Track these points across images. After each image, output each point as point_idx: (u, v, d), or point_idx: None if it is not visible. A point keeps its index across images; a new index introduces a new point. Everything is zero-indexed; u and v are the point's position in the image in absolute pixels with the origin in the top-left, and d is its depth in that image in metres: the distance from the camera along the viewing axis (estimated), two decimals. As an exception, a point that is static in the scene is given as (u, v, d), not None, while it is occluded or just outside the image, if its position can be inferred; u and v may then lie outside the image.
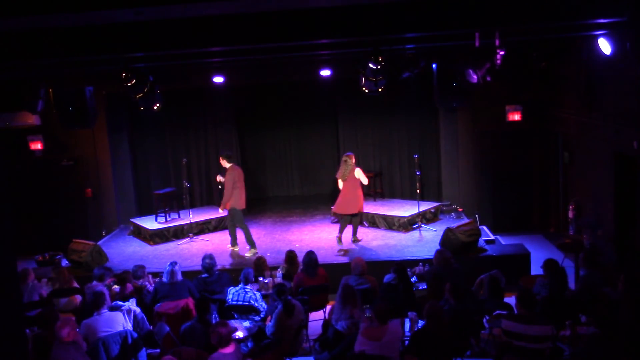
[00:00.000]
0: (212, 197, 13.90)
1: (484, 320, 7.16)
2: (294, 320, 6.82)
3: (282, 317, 6.78)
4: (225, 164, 10.58)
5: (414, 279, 8.21)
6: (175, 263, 7.97)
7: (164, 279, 7.85)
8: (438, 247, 9.22)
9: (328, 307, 7.95)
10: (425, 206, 12.00)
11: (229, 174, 10.45)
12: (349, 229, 10.87)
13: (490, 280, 7.51)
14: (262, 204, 14.61)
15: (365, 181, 10.54)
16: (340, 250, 10.48)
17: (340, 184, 10.56)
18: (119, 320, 6.75)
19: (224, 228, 12.33)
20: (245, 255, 10.58)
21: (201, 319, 6.55)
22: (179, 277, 7.88)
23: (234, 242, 10.88)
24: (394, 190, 13.69)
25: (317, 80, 11.53)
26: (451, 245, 9.67)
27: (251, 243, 10.62)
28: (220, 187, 11.09)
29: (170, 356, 5.60)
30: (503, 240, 10.93)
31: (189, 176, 12.69)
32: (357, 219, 10.91)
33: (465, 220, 10.83)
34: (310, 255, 8.16)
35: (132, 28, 7.07)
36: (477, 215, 11.75)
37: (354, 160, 10.51)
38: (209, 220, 12.30)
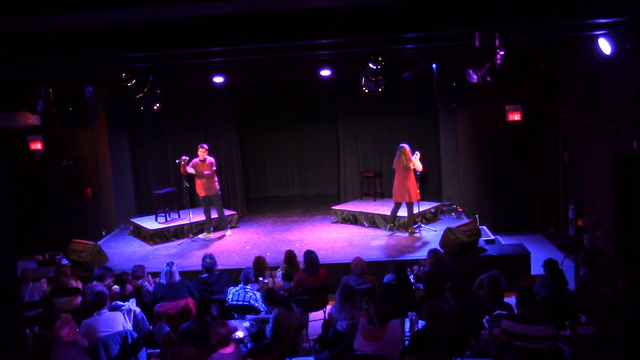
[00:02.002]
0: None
1: (484, 320, 7.16)
2: (293, 320, 6.82)
3: (280, 318, 6.77)
4: (206, 155, 11.34)
5: (412, 278, 8.20)
6: (172, 264, 7.92)
7: (162, 281, 7.82)
8: (434, 248, 9.24)
9: (328, 307, 7.94)
10: (425, 206, 12.00)
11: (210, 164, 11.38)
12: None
13: (490, 280, 7.50)
14: (262, 204, 14.62)
15: (419, 167, 10.92)
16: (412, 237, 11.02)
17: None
18: (119, 320, 6.75)
19: (223, 228, 12.33)
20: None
21: (201, 319, 6.55)
22: (177, 277, 7.84)
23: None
24: (394, 190, 13.67)
25: (317, 80, 11.53)
26: (451, 245, 9.67)
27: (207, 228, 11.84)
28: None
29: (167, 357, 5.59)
30: (503, 240, 10.92)
31: (189, 176, 12.68)
32: (410, 209, 11.14)
33: (465, 220, 10.82)
34: (310, 254, 8.16)
35: (132, 28, 7.07)
36: (477, 215, 11.76)
37: (407, 152, 10.88)
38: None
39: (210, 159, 11.44)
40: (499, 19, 7.06)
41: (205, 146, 11.49)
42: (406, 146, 10.95)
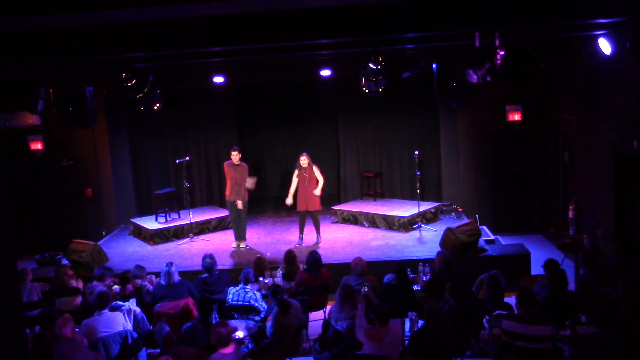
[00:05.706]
0: (212, 197, 13.91)
1: (484, 320, 7.15)
2: (291, 320, 6.82)
3: (279, 316, 6.79)
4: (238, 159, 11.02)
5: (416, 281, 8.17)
6: (172, 264, 7.90)
7: (162, 281, 7.82)
8: (440, 249, 9.23)
9: (328, 307, 7.95)
10: (425, 206, 12.00)
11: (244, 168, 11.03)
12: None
13: (490, 280, 7.50)
14: (262, 204, 14.60)
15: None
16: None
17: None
18: (119, 320, 6.75)
19: (224, 228, 12.34)
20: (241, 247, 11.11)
21: (203, 319, 6.56)
22: (176, 277, 7.83)
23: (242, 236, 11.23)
24: (394, 190, 13.69)
25: (317, 80, 11.52)
26: (451, 246, 9.67)
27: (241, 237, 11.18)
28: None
29: (168, 356, 5.59)
30: (503, 240, 10.93)
31: (189, 176, 12.68)
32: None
33: (465, 220, 10.83)
34: (314, 254, 8.17)
35: (132, 28, 7.07)
36: (477, 215, 11.75)
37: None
38: (209, 220, 12.31)
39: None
40: (499, 19, 7.06)
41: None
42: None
